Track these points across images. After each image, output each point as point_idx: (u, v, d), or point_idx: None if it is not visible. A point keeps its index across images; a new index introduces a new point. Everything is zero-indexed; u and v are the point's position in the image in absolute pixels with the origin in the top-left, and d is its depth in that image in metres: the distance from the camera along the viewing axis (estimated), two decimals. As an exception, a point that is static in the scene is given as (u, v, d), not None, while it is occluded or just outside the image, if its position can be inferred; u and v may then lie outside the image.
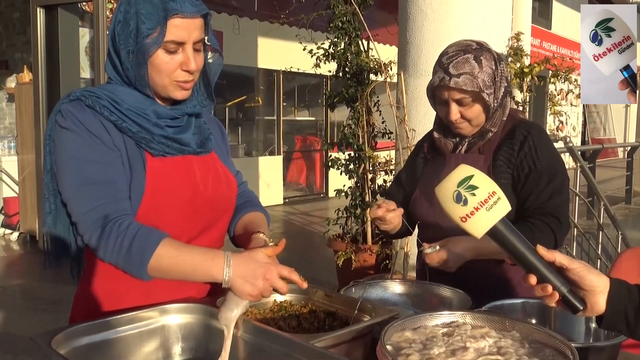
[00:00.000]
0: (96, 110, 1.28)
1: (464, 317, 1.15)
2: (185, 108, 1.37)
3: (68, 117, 1.28)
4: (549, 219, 1.55)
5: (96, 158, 1.27)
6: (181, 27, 1.26)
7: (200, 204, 1.37)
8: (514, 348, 1.03)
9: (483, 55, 1.57)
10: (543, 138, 1.64)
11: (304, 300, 1.42)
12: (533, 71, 4.57)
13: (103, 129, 1.28)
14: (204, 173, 1.40)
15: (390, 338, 1.07)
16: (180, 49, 1.28)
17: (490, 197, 0.98)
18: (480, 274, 1.60)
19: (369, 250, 4.47)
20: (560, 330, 1.35)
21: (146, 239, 1.21)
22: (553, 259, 1.01)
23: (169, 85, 1.31)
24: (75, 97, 1.30)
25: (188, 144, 1.37)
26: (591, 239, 5.39)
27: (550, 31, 14.00)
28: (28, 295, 4.72)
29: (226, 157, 1.53)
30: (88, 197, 1.25)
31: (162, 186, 1.31)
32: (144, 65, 1.27)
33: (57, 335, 1.10)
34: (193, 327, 1.28)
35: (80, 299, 1.39)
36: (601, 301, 1.01)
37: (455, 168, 1.02)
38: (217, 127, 1.55)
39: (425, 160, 1.79)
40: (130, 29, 1.26)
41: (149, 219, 1.29)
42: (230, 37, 7.78)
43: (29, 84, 6.01)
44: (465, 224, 0.99)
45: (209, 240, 1.41)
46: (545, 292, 1.00)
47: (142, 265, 1.21)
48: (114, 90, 1.32)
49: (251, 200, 1.58)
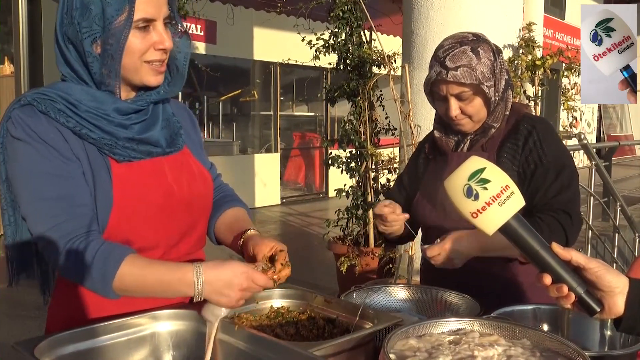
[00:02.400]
0: (50, 116, 1.22)
1: (472, 324, 1.15)
2: (149, 96, 1.32)
3: (19, 125, 1.21)
4: (560, 215, 1.55)
5: (52, 171, 1.22)
6: (149, 3, 1.22)
7: (176, 208, 1.34)
8: (525, 357, 1.04)
9: (480, 47, 1.57)
10: (548, 132, 1.64)
11: (303, 306, 1.42)
12: (545, 64, 4.56)
13: (59, 137, 1.23)
14: (176, 173, 1.36)
15: (394, 346, 1.07)
16: (150, 26, 1.24)
17: (503, 191, 0.98)
18: (488, 278, 1.61)
19: (371, 253, 4.47)
20: (573, 338, 1.35)
21: (107, 258, 1.18)
22: (569, 257, 1.00)
23: (142, 69, 1.26)
24: (26, 102, 1.23)
25: (157, 142, 1.33)
26: (606, 242, 5.39)
27: (564, 21, 14.00)
28: (10, 301, 4.71)
29: (199, 150, 1.48)
30: (45, 215, 1.21)
31: (131, 194, 1.27)
32: (118, 53, 1.22)
33: (41, 343, 1.10)
34: (184, 335, 1.28)
35: (55, 310, 1.37)
36: (620, 303, 1.01)
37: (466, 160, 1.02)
38: (186, 116, 1.50)
39: (427, 160, 1.80)
40: (93, 15, 1.20)
41: (120, 231, 1.26)
42: (224, 27, 7.78)
43: (11, 77, 6.01)
44: (476, 220, 0.99)
45: (188, 244, 1.40)
46: (560, 292, 1.00)
47: (106, 286, 1.18)
48: (69, 90, 1.25)
49: (228, 194, 1.55)
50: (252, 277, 1.18)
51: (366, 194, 4.72)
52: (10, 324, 4.14)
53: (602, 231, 5.81)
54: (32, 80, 5.68)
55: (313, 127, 10.94)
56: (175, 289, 1.19)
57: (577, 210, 1.61)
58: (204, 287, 1.16)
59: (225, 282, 1.16)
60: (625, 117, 18.75)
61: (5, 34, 6.71)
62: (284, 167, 10.06)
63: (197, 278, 1.16)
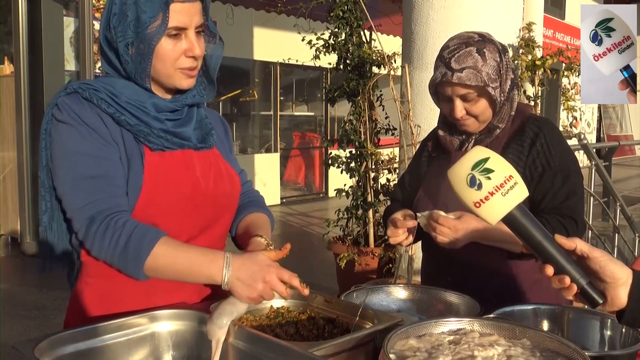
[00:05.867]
0: (93, 103, 1.31)
1: (472, 324, 1.15)
2: (185, 99, 1.40)
3: (64, 110, 1.30)
4: (566, 221, 1.55)
5: (92, 152, 1.29)
6: (182, 12, 1.29)
7: (201, 201, 1.39)
8: (525, 357, 1.04)
9: (486, 47, 1.57)
10: (555, 135, 1.64)
11: (303, 306, 1.42)
12: (545, 64, 4.57)
13: (100, 122, 1.30)
14: (205, 169, 1.41)
15: (394, 346, 1.07)
16: (182, 35, 1.31)
17: (506, 181, 0.98)
18: (488, 278, 1.61)
19: (371, 253, 4.47)
20: (573, 338, 1.35)
21: (143, 237, 1.23)
22: (574, 246, 1.00)
23: (175, 74, 1.33)
24: (72, 90, 1.32)
25: (188, 138, 1.39)
26: (606, 242, 5.39)
27: (564, 21, 14.00)
28: (10, 300, 4.72)
29: (229, 155, 1.54)
30: (83, 192, 1.27)
31: (160, 181, 1.33)
32: (148, 56, 1.29)
33: (41, 343, 1.10)
34: (185, 335, 1.28)
35: (75, 302, 1.40)
36: (622, 295, 1.01)
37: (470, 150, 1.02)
38: (219, 123, 1.57)
39: (430, 158, 1.80)
40: (128, 20, 1.28)
41: (146, 216, 1.30)
42: (224, 27, 7.77)
43: (10, 77, 6.00)
44: (479, 210, 0.99)
45: (209, 239, 1.42)
46: (562, 284, 1.00)
47: (139, 265, 1.23)
48: (112, 83, 1.34)
49: (255, 200, 1.60)
50: (278, 272, 1.21)
51: (366, 194, 4.72)
52: (10, 324, 4.14)
53: (602, 231, 5.81)
54: (32, 80, 5.67)
55: (313, 127, 10.93)
56: (206, 272, 1.22)
57: (582, 217, 1.61)
58: (231, 274, 1.19)
59: (251, 272, 1.20)
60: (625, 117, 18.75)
61: (5, 34, 6.70)
62: (284, 167, 10.06)
63: (225, 263, 1.21)
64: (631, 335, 1.28)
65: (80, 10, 5.18)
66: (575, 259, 1.02)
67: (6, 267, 5.79)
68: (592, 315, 1.38)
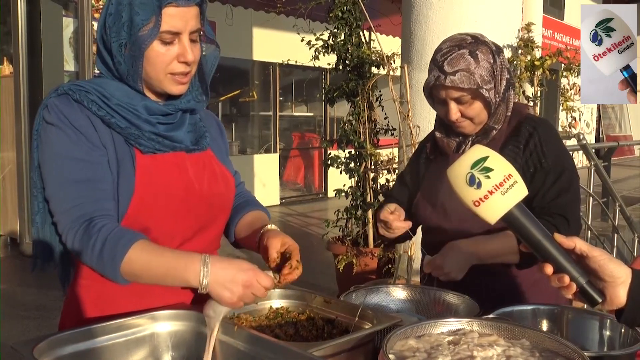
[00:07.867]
0: (84, 105, 1.30)
1: (471, 325, 1.15)
2: (179, 104, 1.38)
3: (53, 111, 1.29)
4: (556, 219, 1.55)
5: (79, 155, 1.28)
6: (176, 16, 1.27)
7: (195, 203, 1.38)
8: (524, 357, 1.04)
9: (479, 49, 1.56)
10: (550, 134, 1.64)
11: (302, 307, 1.42)
12: (544, 64, 4.56)
13: (89, 125, 1.29)
14: (198, 170, 1.40)
15: (393, 347, 1.07)
16: (176, 39, 1.29)
17: (505, 180, 0.98)
18: (487, 278, 1.61)
19: (370, 253, 4.47)
20: (572, 338, 1.35)
21: (117, 241, 1.22)
22: (573, 245, 1.00)
23: (165, 79, 1.32)
24: (62, 92, 1.31)
25: (181, 141, 1.37)
26: (606, 242, 5.40)
27: (563, 22, 14.01)
28: (9, 301, 4.71)
29: (224, 156, 1.53)
30: (68, 196, 1.27)
31: (152, 184, 1.32)
32: (139, 58, 1.28)
33: (40, 343, 1.10)
34: (184, 335, 1.28)
35: (70, 303, 1.40)
36: (621, 294, 1.01)
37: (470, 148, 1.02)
38: (214, 124, 1.56)
39: (428, 161, 1.80)
40: (122, 21, 1.27)
41: (139, 219, 1.30)
42: (223, 28, 7.78)
43: (10, 77, 6.00)
44: (478, 209, 0.99)
45: (204, 240, 1.42)
46: (562, 282, 1.00)
47: (114, 269, 1.22)
48: (104, 84, 1.33)
49: (251, 200, 1.60)
50: (257, 276, 1.19)
51: (365, 194, 4.72)
52: (10, 324, 4.14)
53: (601, 231, 5.81)
54: (31, 81, 5.66)
55: (312, 128, 10.93)
56: (181, 276, 1.20)
57: (576, 214, 1.60)
58: (209, 278, 1.18)
59: (230, 275, 1.18)
60: (624, 118, 18.76)
61: (5, 34, 6.70)
62: (283, 168, 10.06)
63: (203, 267, 1.18)
64: (630, 335, 1.28)
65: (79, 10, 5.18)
66: (574, 258, 1.02)
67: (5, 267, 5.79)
68: (592, 315, 1.38)
